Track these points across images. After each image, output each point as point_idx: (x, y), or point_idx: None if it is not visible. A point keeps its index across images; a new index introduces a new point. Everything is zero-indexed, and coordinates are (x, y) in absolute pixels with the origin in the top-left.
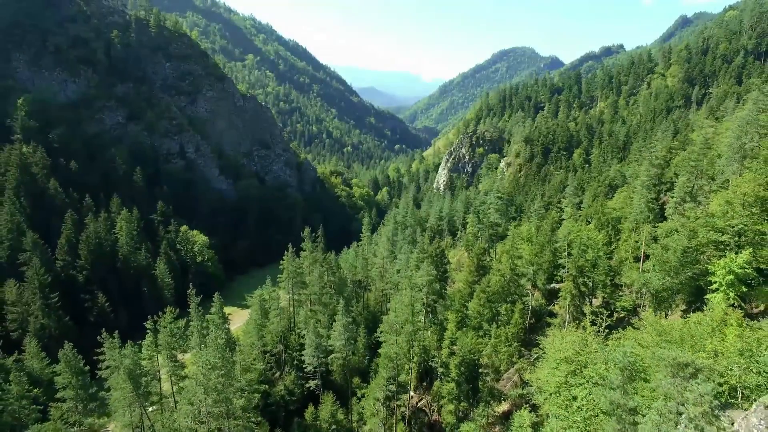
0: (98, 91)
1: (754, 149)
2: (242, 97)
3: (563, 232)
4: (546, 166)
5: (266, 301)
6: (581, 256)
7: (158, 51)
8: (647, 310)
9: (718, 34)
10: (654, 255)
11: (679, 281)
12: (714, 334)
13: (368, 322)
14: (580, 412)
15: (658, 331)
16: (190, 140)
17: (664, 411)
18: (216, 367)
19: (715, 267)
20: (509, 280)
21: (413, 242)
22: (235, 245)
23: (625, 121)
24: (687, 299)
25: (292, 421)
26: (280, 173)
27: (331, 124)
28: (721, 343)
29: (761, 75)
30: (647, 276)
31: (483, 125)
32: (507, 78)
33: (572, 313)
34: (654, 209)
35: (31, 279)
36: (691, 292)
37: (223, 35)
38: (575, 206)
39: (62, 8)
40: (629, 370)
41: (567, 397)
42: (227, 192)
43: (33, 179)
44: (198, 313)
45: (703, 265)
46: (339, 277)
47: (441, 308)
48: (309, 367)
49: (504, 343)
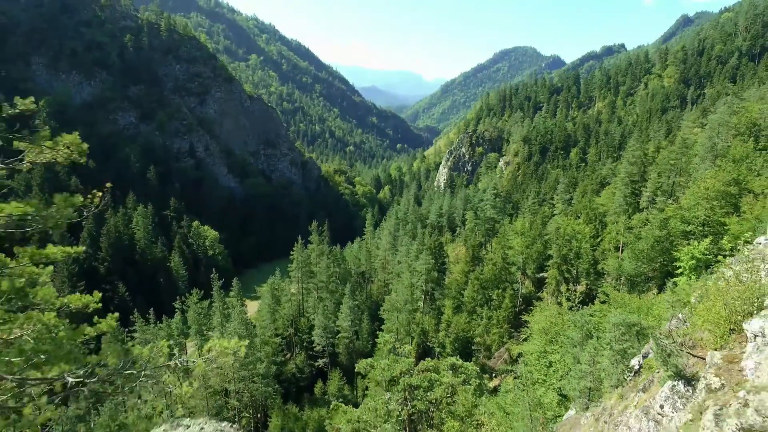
0: (112, 92)
1: (725, 149)
2: (249, 98)
3: (553, 225)
4: (543, 165)
5: (277, 289)
6: (565, 246)
7: (168, 54)
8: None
9: (713, 36)
10: (628, 244)
11: (651, 268)
12: (673, 307)
13: (371, 310)
14: (555, 374)
15: (619, 304)
16: (199, 140)
17: (597, 345)
18: (241, 336)
19: (680, 254)
20: (500, 269)
21: (414, 236)
22: (243, 241)
23: (621, 121)
24: (659, 284)
25: (302, 396)
26: (285, 171)
27: (334, 124)
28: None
29: (754, 76)
30: (622, 263)
31: (483, 125)
32: (508, 77)
33: (557, 298)
34: (631, 203)
35: (60, 269)
36: (663, 278)
37: (226, 36)
38: (566, 202)
39: (78, 13)
40: (586, 329)
41: (545, 363)
42: (235, 189)
43: (56, 176)
44: (220, 295)
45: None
46: (344, 269)
47: (439, 295)
48: (318, 347)
49: (495, 325)
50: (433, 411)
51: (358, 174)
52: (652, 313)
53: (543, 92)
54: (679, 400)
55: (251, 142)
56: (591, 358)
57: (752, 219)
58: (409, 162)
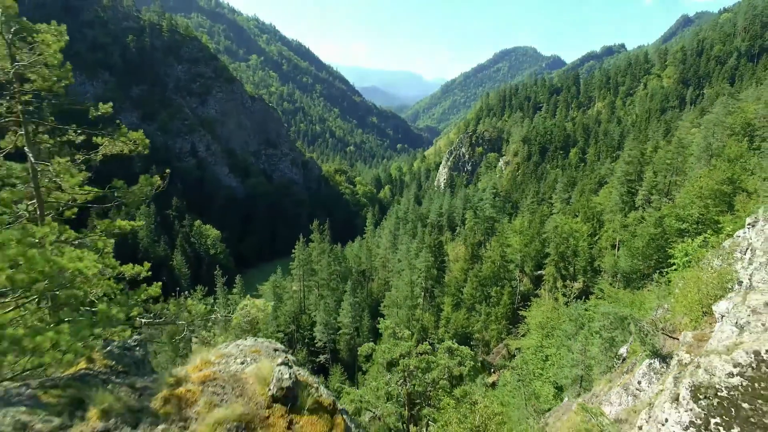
0: (115, 93)
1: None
2: (250, 98)
3: (551, 224)
4: (542, 165)
5: (279, 287)
6: (562, 244)
7: (170, 54)
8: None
9: (712, 36)
10: (624, 242)
11: (647, 265)
12: (659, 298)
13: (372, 308)
14: (552, 368)
15: (614, 299)
16: (201, 140)
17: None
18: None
19: (674, 250)
20: (499, 266)
21: (414, 235)
22: (244, 240)
23: (621, 121)
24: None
25: None
26: (286, 171)
27: (334, 124)
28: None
29: (752, 76)
30: (618, 261)
31: (483, 125)
32: (509, 78)
33: (554, 295)
34: (627, 201)
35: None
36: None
37: (227, 36)
38: (564, 201)
39: (81, 14)
40: (580, 322)
41: (541, 357)
42: (236, 189)
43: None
44: (224, 291)
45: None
46: (345, 267)
47: (438, 293)
48: (319, 343)
49: (494, 321)
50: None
51: (359, 174)
52: (644, 307)
53: (543, 92)
54: (655, 375)
55: (252, 142)
56: (582, 347)
57: (745, 217)
58: (409, 162)
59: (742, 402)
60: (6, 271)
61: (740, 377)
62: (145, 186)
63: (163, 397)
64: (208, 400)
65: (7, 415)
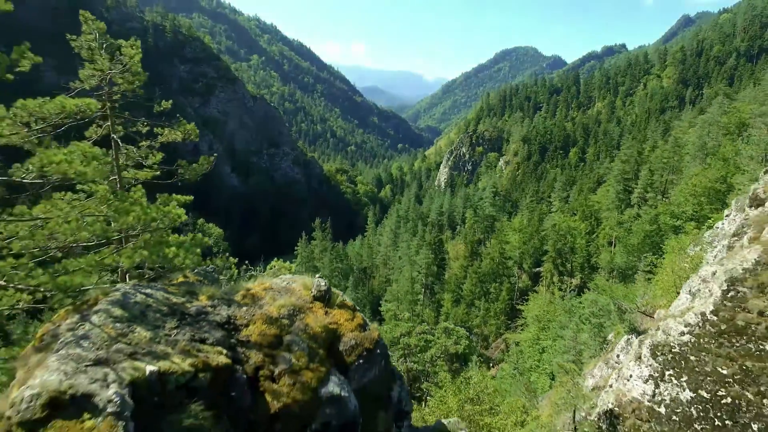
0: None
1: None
2: (252, 98)
3: (550, 222)
4: (542, 165)
5: None
6: (560, 241)
7: (173, 54)
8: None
9: (712, 37)
10: (620, 238)
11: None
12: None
13: (373, 305)
14: (548, 360)
15: (608, 293)
16: (203, 139)
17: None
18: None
19: (666, 246)
20: (498, 263)
21: (414, 234)
22: (246, 239)
23: (620, 121)
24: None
25: None
26: (288, 170)
27: (335, 124)
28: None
29: (751, 77)
30: (614, 257)
31: (483, 125)
32: (509, 78)
33: (551, 291)
34: (623, 199)
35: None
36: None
37: (228, 36)
38: (563, 200)
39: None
40: (572, 312)
41: (538, 350)
42: (239, 188)
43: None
44: None
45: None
46: (347, 265)
47: (438, 289)
48: None
49: (493, 316)
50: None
51: (360, 173)
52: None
53: (543, 92)
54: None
55: (254, 142)
56: (573, 334)
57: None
58: (410, 161)
59: (690, 355)
60: (132, 214)
61: (689, 335)
62: (204, 164)
63: (242, 294)
64: (272, 297)
65: (155, 293)
